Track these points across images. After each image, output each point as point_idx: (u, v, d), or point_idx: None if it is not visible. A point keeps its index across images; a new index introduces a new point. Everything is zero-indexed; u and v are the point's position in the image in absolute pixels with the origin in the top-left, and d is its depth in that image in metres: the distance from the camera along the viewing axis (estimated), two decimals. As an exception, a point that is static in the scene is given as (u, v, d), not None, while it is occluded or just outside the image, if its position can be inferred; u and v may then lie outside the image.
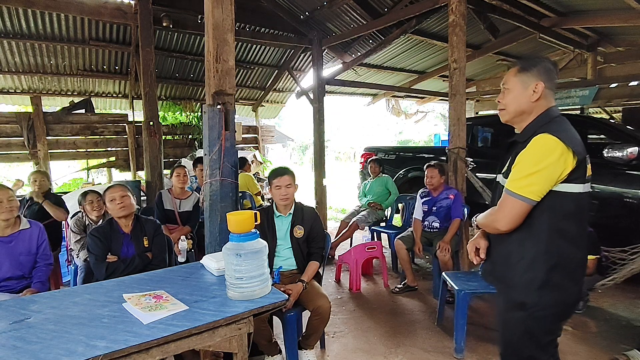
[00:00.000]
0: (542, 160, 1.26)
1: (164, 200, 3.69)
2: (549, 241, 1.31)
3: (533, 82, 1.37)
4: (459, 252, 3.70)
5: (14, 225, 2.37)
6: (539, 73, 1.37)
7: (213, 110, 2.30)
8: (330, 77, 6.41)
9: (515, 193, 1.30)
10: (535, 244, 1.33)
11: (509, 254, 1.40)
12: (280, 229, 2.48)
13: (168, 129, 7.38)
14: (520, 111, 1.42)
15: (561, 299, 1.34)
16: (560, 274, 1.32)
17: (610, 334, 2.80)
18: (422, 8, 4.52)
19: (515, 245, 1.37)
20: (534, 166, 1.27)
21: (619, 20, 4.75)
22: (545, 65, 1.39)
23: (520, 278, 1.36)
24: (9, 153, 5.88)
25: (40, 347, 1.30)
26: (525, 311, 1.35)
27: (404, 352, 2.61)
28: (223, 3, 2.29)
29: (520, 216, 1.31)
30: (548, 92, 1.38)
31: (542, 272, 1.32)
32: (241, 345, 1.58)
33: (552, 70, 1.39)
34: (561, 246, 1.32)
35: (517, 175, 1.31)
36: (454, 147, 3.75)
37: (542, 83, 1.36)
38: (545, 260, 1.32)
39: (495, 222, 1.37)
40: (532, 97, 1.38)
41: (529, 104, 1.39)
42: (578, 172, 1.28)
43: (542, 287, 1.32)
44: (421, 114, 11.89)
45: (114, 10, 4.81)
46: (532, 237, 1.34)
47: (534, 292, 1.33)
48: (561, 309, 1.37)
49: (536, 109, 1.40)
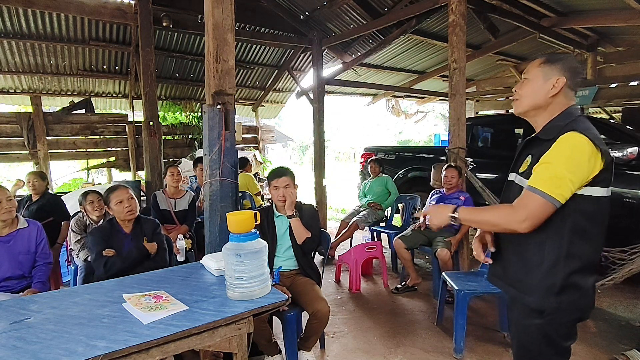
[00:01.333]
0: (573, 160, 1.20)
1: (159, 202, 3.70)
2: (571, 245, 1.25)
3: (555, 76, 1.31)
4: (459, 252, 3.70)
5: (11, 224, 2.37)
6: (562, 68, 1.31)
7: (213, 110, 2.30)
8: (330, 77, 6.41)
9: (544, 192, 1.21)
10: (556, 248, 1.26)
11: (525, 258, 1.32)
12: (280, 228, 2.48)
13: (168, 129, 7.38)
14: (536, 105, 1.36)
15: (580, 303, 1.29)
16: (580, 278, 1.27)
17: (609, 334, 2.80)
18: (422, 8, 4.52)
19: (534, 249, 1.29)
20: (563, 168, 1.20)
21: (619, 20, 4.75)
22: (570, 62, 1.34)
23: (539, 283, 1.29)
24: (9, 153, 5.88)
25: (40, 347, 1.30)
26: (544, 318, 1.30)
27: (403, 352, 2.61)
28: (223, 3, 2.29)
29: (545, 217, 1.23)
30: (568, 90, 1.33)
31: (562, 277, 1.26)
32: (241, 345, 1.58)
33: (577, 68, 1.34)
34: (583, 251, 1.26)
35: (546, 175, 1.22)
36: (454, 147, 3.76)
37: (564, 79, 1.30)
38: (566, 264, 1.25)
39: (516, 223, 1.25)
40: (550, 92, 1.32)
41: (546, 98, 1.33)
42: (605, 175, 1.22)
43: (561, 292, 1.27)
44: (421, 114, 11.90)
45: (114, 10, 4.82)
46: (553, 240, 1.26)
47: (553, 298, 1.27)
48: (580, 313, 1.32)
49: (552, 106, 1.34)
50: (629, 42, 6.58)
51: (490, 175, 4.57)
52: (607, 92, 6.93)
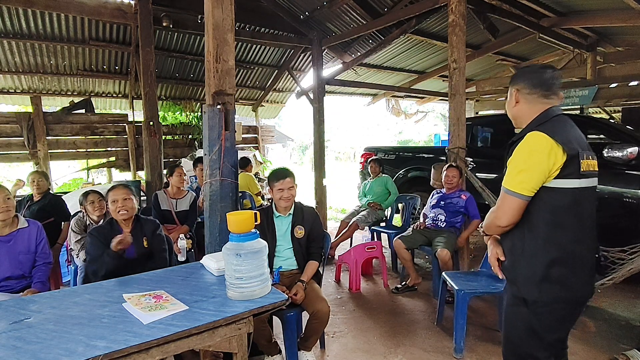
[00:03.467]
0: (530, 156, 1.32)
1: (160, 201, 3.69)
2: (547, 235, 1.35)
3: (513, 90, 1.50)
4: (459, 252, 3.70)
5: (11, 224, 2.37)
6: (516, 82, 1.49)
7: (213, 110, 2.30)
8: (330, 77, 6.41)
9: (509, 190, 1.36)
10: (533, 238, 1.37)
11: (512, 249, 1.44)
12: (279, 229, 2.48)
13: (168, 129, 7.38)
14: (512, 117, 1.54)
15: (563, 295, 1.35)
16: (561, 269, 1.34)
17: (609, 334, 2.80)
18: (422, 8, 4.52)
19: (517, 240, 1.41)
20: (523, 163, 1.34)
21: (619, 20, 4.74)
22: (525, 72, 1.48)
23: (521, 272, 1.39)
24: (9, 153, 5.88)
25: (40, 347, 1.30)
26: (528, 307, 1.38)
27: (403, 352, 2.61)
28: (223, 3, 2.29)
29: (517, 211, 1.36)
30: (529, 97, 1.45)
31: (542, 266, 1.34)
32: (241, 345, 1.58)
33: (534, 76, 1.45)
34: (561, 240, 1.34)
35: (511, 173, 1.37)
36: (454, 147, 3.76)
37: (518, 90, 1.47)
38: (544, 254, 1.35)
39: (496, 220, 1.42)
40: (512, 103, 1.51)
41: (511, 110, 1.52)
42: (570, 168, 1.31)
43: (542, 281, 1.34)
44: (421, 114, 11.90)
45: (114, 10, 4.82)
46: (530, 231, 1.37)
47: (534, 287, 1.36)
48: (564, 306, 1.37)
49: (524, 113, 1.47)
50: (628, 42, 6.58)
51: (490, 175, 4.57)
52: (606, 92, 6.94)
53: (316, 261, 2.45)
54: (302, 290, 2.27)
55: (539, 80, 1.44)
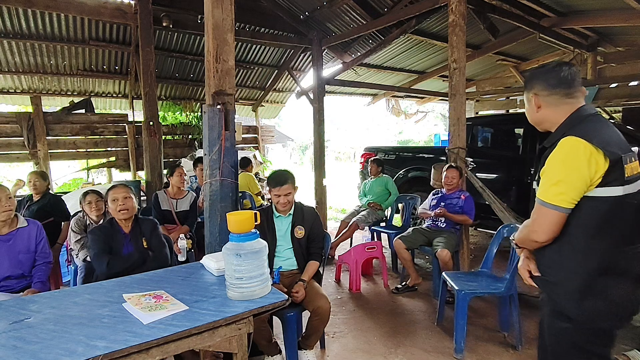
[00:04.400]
0: (567, 165, 1.21)
1: (160, 201, 3.69)
2: (588, 248, 1.24)
3: (531, 96, 1.41)
4: (459, 252, 3.70)
5: (11, 223, 2.37)
6: (531, 86, 1.40)
7: (213, 110, 2.30)
8: (330, 77, 6.40)
9: (547, 202, 1.24)
10: (573, 252, 1.26)
11: (549, 264, 1.34)
12: (280, 229, 2.48)
13: (168, 129, 7.38)
14: (537, 122, 1.44)
15: (606, 310, 1.25)
16: (604, 282, 1.24)
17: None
18: (422, 8, 4.52)
19: (555, 254, 1.31)
20: (560, 172, 1.22)
21: (619, 20, 4.74)
22: (539, 73, 1.40)
23: (562, 288, 1.31)
24: (9, 153, 5.88)
25: (40, 347, 1.30)
26: (572, 323, 1.29)
27: (403, 352, 2.61)
28: (223, 3, 2.29)
29: (556, 226, 1.25)
30: (550, 99, 1.36)
31: (583, 281, 1.25)
32: (241, 345, 1.58)
33: (549, 76, 1.36)
34: (603, 252, 1.23)
35: (547, 183, 1.25)
36: (454, 147, 3.76)
37: (536, 94, 1.38)
38: (584, 268, 1.25)
39: (532, 234, 1.31)
40: (534, 109, 1.41)
41: (534, 116, 1.42)
42: (614, 175, 1.19)
43: (585, 297, 1.25)
44: (421, 114, 11.90)
45: (114, 10, 4.82)
46: (569, 244, 1.27)
47: (576, 304, 1.27)
48: (609, 322, 1.28)
49: (548, 118, 1.38)
50: (629, 42, 6.57)
51: (490, 175, 4.57)
52: (607, 92, 6.93)
53: (317, 261, 2.45)
54: (303, 288, 2.27)
55: (557, 80, 1.34)
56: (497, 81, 9.11)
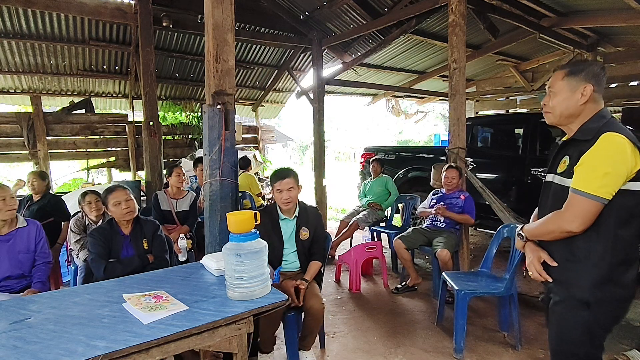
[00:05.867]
0: (614, 159, 1.27)
1: (160, 202, 3.69)
2: (616, 239, 1.33)
3: (581, 86, 1.38)
4: (459, 252, 3.70)
5: (10, 223, 2.37)
6: (587, 77, 1.38)
7: (213, 110, 2.30)
8: (330, 77, 6.41)
9: (589, 193, 1.29)
10: (602, 242, 1.33)
11: (572, 254, 1.39)
12: (285, 232, 2.43)
13: (168, 129, 7.38)
14: (568, 114, 1.43)
15: (622, 295, 1.36)
16: (623, 271, 1.34)
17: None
18: (422, 8, 4.52)
19: (582, 244, 1.36)
20: (607, 166, 1.27)
21: (619, 20, 4.74)
22: (593, 69, 1.40)
23: (586, 276, 1.36)
24: (9, 153, 5.88)
25: (40, 347, 1.30)
26: (589, 310, 1.37)
27: (403, 352, 2.61)
28: (223, 3, 2.29)
29: (594, 216, 1.31)
30: (596, 95, 1.40)
31: (608, 269, 1.33)
32: (241, 345, 1.58)
33: (600, 73, 1.40)
34: (627, 243, 1.34)
35: (590, 175, 1.29)
36: (454, 147, 3.76)
37: (591, 86, 1.37)
38: (612, 257, 1.33)
39: (567, 225, 1.34)
40: (580, 100, 1.39)
41: (577, 107, 1.40)
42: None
43: (606, 284, 1.34)
44: (421, 114, 11.90)
45: (114, 10, 4.82)
46: (599, 235, 1.33)
47: (598, 290, 1.35)
48: (622, 304, 1.39)
49: (585, 112, 1.41)
50: (629, 42, 6.57)
51: (490, 175, 4.57)
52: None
53: (319, 262, 2.43)
54: (305, 286, 2.23)
55: (604, 79, 1.41)
56: (497, 81, 9.10)
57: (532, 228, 1.51)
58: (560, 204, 1.39)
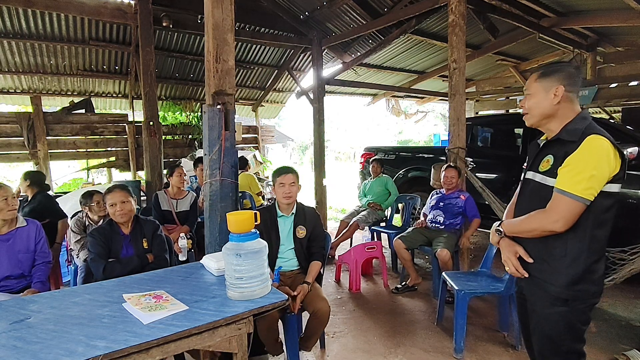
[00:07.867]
0: (600, 162, 1.30)
1: (160, 202, 3.69)
2: (592, 239, 1.37)
3: (554, 86, 1.42)
4: (459, 252, 3.70)
5: (10, 223, 2.37)
6: (559, 78, 1.42)
7: (213, 110, 2.30)
8: (330, 77, 6.41)
9: (574, 194, 1.31)
10: (579, 241, 1.37)
11: (549, 252, 1.42)
12: (282, 229, 2.47)
13: (168, 129, 7.39)
14: (545, 114, 1.46)
15: (593, 289, 1.40)
16: (598, 267, 1.39)
17: (609, 334, 2.80)
18: (421, 8, 4.52)
19: (559, 243, 1.40)
20: (593, 168, 1.30)
21: (619, 20, 4.75)
22: (566, 70, 1.43)
23: (562, 274, 1.40)
24: (9, 153, 5.89)
25: (40, 347, 1.30)
26: (567, 306, 1.40)
27: (403, 352, 2.61)
28: (223, 3, 2.29)
29: (577, 215, 1.34)
30: (571, 95, 1.42)
31: (584, 267, 1.37)
32: (241, 345, 1.58)
33: (574, 74, 1.43)
34: (601, 242, 1.39)
35: (576, 177, 1.31)
36: (454, 147, 3.76)
37: (563, 87, 1.40)
38: (588, 255, 1.37)
39: (550, 224, 1.36)
40: (553, 101, 1.42)
41: (551, 107, 1.43)
42: (621, 172, 1.34)
43: (582, 281, 1.38)
44: (421, 114, 11.91)
45: (114, 10, 4.82)
46: (576, 234, 1.37)
47: (575, 287, 1.38)
48: (596, 299, 1.43)
49: (561, 112, 1.43)
50: (628, 42, 6.57)
51: (490, 175, 4.57)
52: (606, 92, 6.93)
53: (319, 261, 2.44)
54: (306, 292, 2.26)
55: (578, 79, 1.44)
56: (496, 81, 9.11)
57: (512, 224, 1.52)
58: (537, 201, 1.43)
